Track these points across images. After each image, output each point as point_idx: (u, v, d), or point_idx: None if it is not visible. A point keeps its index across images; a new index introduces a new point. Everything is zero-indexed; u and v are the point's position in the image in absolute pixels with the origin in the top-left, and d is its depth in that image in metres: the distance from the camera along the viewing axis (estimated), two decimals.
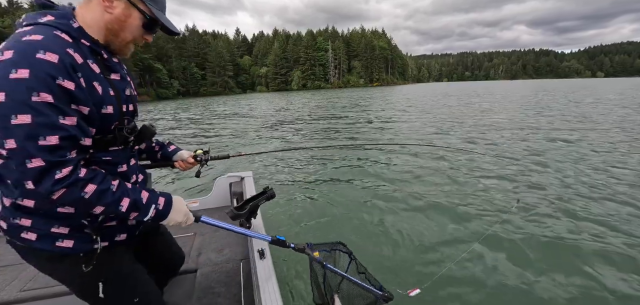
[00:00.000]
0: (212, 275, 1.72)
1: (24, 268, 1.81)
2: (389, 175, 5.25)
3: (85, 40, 0.87)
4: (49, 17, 0.84)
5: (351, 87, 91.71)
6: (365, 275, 1.57)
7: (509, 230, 3.19)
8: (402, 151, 6.94)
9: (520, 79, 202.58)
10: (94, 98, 0.86)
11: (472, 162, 5.77)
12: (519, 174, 5.01)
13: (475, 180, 4.77)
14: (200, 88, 79.63)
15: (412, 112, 16.20)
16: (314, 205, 4.13)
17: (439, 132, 9.57)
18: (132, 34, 0.97)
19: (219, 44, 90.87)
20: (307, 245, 1.46)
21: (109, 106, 0.91)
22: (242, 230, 1.34)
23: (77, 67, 0.81)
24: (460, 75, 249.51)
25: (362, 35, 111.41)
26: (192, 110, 25.89)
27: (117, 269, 1.08)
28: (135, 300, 1.11)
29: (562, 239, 3.04)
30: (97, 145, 0.93)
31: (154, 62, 66.61)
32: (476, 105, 18.25)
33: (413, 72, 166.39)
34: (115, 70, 0.98)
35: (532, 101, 19.87)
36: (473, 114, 13.80)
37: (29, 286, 1.65)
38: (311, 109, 20.90)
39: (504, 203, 3.90)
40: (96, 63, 0.89)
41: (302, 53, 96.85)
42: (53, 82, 0.75)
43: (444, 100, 24.46)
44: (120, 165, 1.02)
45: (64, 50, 0.79)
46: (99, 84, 0.88)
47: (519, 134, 8.52)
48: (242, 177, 2.62)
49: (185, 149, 1.52)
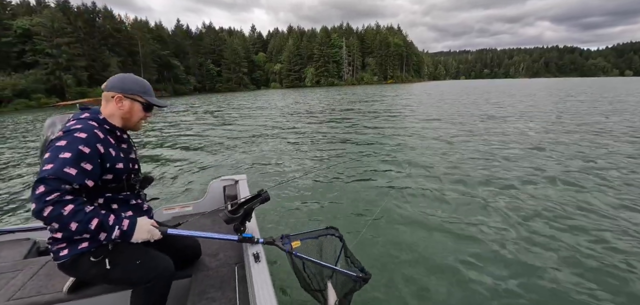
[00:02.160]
0: (206, 280, 1.71)
1: (12, 276, 1.80)
2: (392, 172, 5.47)
3: (106, 125, 1.46)
4: (86, 114, 1.44)
5: (365, 84, 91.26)
6: (351, 259, 1.59)
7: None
8: (405, 150, 7.15)
9: (542, 77, 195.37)
10: (109, 158, 1.39)
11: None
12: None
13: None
14: (215, 84, 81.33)
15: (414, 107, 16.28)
16: (309, 204, 4.25)
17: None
18: (138, 117, 1.54)
19: (234, 40, 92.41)
20: (281, 237, 1.50)
21: (119, 163, 1.44)
22: (210, 234, 1.50)
23: (99, 139, 1.36)
24: (479, 73, 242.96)
25: (376, 32, 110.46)
26: (205, 106, 26.57)
27: (119, 246, 1.44)
28: (137, 262, 1.44)
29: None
30: (114, 189, 1.46)
31: (172, 58, 68.64)
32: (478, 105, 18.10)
33: (429, 70, 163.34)
34: (124, 142, 1.56)
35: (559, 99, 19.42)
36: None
37: (19, 295, 1.63)
38: (311, 106, 21.12)
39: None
40: (112, 137, 1.46)
41: (316, 50, 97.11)
42: (87, 145, 1.31)
43: (448, 97, 24.24)
44: (132, 200, 1.56)
45: (92, 131, 1.35)
46: (113, 150, 1.42)
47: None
48: (236, 180, 2.62)
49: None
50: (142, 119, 1.56)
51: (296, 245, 1.47)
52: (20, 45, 44.08)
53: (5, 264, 1.90)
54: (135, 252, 1.47)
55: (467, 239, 3.19)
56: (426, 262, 2.83)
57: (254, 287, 1.25)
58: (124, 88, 1.48)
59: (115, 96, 1.46)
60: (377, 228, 3.46)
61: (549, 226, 3.38)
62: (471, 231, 3.32)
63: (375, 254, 2.97)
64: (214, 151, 8.33)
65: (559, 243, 3.05)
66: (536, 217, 3.60)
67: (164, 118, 18.02)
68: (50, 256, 1.84)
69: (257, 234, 1.68)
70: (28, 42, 44.21)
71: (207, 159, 7.50)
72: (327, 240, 1.62)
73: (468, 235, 3.26)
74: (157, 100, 1.58)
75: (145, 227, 1.42)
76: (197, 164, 7.04)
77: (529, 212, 3.72)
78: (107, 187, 1.43)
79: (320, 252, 1.58)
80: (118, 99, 1.46)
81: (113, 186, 1.44)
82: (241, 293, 1.57)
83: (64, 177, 1.22)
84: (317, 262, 1.47)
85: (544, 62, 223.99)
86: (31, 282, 1.72)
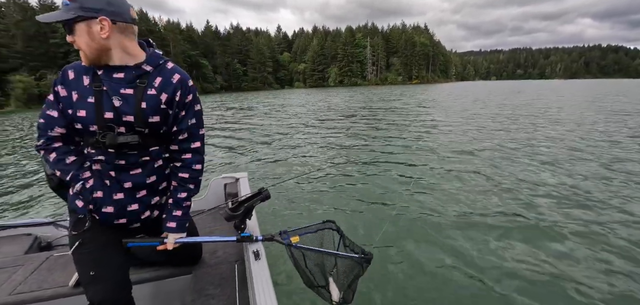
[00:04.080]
0: (205, 277, 1.69)
1: (14, 271, 1.80)
2: (399, 171, 5.55)
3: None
4: None
5: (389, 85, 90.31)
6: (351, 247, 1.58)
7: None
8: (412, 151, 7.19)
9: (582, 78, 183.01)
10: (68, 102, 1.17)
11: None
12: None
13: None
14: (241, 83, 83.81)
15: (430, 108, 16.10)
16: (311, 202, 4.29)
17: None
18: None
19: (260, 41, 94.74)
20: (280, 233, 1.48)
21: (81, 110, 1.15)
22: (208, 238, 1.50)
23: (65, 80, 1.17)
24: (511, 73, 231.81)
25: (402, 31, 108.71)
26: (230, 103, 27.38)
27: (95, 238, 1.28)
28: (91, 273, 1.26)
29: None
30: (92, 144, 1.20)
31: (200, 58, 71.68)
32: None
33: (457, 70, 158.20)
34: (116, 84, 1.16)
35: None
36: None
37: (20, 289, 1.62)
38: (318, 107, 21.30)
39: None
40: (89, 77, 1.17)
41: (340, 50, 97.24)
42: (53, 88, 1.18)
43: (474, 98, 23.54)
44: (111, 170, 1.22)
45: (66, 71, 1.19)
46: (77, 93, 1.15)
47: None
48: (237, 178, 2.61)
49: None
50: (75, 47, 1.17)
51: (295, 241, 1.45)
52: (66, 46, 47.88)
53: (6, 259, 1.92)
54: (101, 258, 1.28)
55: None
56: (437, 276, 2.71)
57: (253, 285, 1.24)
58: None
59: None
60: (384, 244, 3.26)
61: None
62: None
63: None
64: (220, 148, 8.57)
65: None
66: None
67: None
68: (51, 251, 2.01)
69: (257, 231, 1.68)
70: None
71: (213, 155, 7.66)
72: (325, 234, 1.60)
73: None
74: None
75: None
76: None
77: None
78: (84, 139, 1.23)
79: (321, 245, 1.57)
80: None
81: (88, 140, 1.21)
82: (241, 291, 1.57)
83: (49, 120, 1.19)
84: (318, 249, 1.46)
85: (583, 62, 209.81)
86: (32, 276, 1.73)
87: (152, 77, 1.21)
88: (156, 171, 1.30)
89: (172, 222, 1.36)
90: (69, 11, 1.08)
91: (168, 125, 1.27)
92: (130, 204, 1.28)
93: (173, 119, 1.27)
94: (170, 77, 1.24)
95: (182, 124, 1.29)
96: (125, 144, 1.18)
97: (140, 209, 1.31)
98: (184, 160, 1.35)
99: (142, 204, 1.31)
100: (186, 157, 1.34)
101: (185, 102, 1.27)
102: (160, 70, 1.24)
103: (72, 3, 1.08)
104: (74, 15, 1.07)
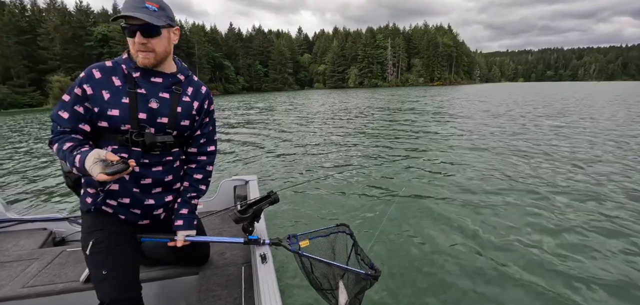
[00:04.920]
0: (213, 278, 1.72)
1: (28, 264, 1.84)
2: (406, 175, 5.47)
3: (125, 64, 1.26)
4: (119, 56, 1.32)
5: (410, 86, 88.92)
6: (361, 256, 1.56)
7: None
8: (422, 155, 7.05)
9: (619, 80, 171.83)
10: (99, 100, 1.20)
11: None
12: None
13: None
14: (262, 84, 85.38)
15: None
16: (320, 207, 4.22)
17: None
18: (131, 47, 1.23)
19: (281, 42, 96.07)
20: (288, 237, 1.48)
21: (114, 109, 1.21)
22: (216, 238, 1.51)
23: (92, 79, 1.21)
24: (540, 74, 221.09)
25: (424, 31, 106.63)
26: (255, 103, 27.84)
27: (108, 239, 1.32)
28: (103, 272, 1.27)
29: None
30: (118, 141, 1.24)
31: (223, 60, 73.67)
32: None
33: (482, 71, 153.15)
34: (152, 87, 1.27)
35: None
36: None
37: (33, 282, 1.67)
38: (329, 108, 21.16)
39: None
40: (121, 78, 1.23)
41: (360, 51, 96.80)
42: (79, 86, 1.20)
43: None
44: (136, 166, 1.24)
45: (91, 70, 1.22)
46: (109, 93, 1.21)
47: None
48: (247, 180, 2.61)
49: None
50: (135, 49, 1.22)
51: (305, 245, 1.46)
52: (99, 48, 50.82)
53: (22, 252, 2.01)
54: (113, 258, 1.30)
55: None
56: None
57: (260, 288, 1.25)
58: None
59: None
60: (386, 236, 3.36)
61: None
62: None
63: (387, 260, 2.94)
64: (236, 145, 8.69)
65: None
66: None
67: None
68: (65, 246, 2.09)
69: (265, 234, 1.69)
70: (105, 46, 50.91)
71: (224, 156, 7.75)
72: (338, 237, 1.58)
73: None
74: (128, 9, 1.16)
75: (88, 163, 1.08)
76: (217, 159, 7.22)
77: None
78: (109, 137, 1.25)
79: (333, 250, 1.55)
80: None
81: (114, 137, 1.24)
82: (247, 293, 1.59)
83: (57, 120, 1.21)
84: (323, 260, 1.44)
85: (621, 62, 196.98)
86: (45, 270, 1.79)
87: (184, 85, 1.37)
88: (174, 170, 1.42)
89: (181, 220, 1.44)
90: (161, 18, 1.21)
91: (193, 129, 1.43)
92: (147, 199, 1.37)
93: (198, 125, 1.44)
94: (199, 87, 1.43)
95: (204, 129, 1.47)
96: (160, 144, 1.29)
97: (155, 205, 1.40)
98: (199, 162, 1.50)
99: (157, 200, 1.40)
100: (202, 159, 1.50)
101: (209, 110, 1.47)
102: (190, 81, 1.41)
103: (161, 11, 1.22)
104: (165, 22, 1.23)
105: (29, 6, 51.93)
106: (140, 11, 1.16)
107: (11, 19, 45.84)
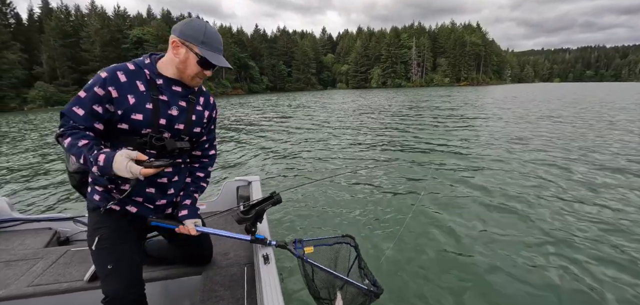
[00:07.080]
0: (216, 278, 1.74)
1: (33, 263, 1.85)
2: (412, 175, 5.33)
3: (149, 70, 1.30)
4: (140, 58, 1.35)
5: (434, 86, 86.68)
6: (364, 270, 1.55)
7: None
8: (428, 159, 6.74)
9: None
10: (123, 104, 1.23)
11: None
12: None
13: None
14: (286, 84, 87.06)
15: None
16: (323, 209, 4.11)
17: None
18: (193, 71, 1.32)
19: (305, 43, 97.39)
20: (294, 242, 1.48)
21: (138, 114, 1.25)
22: (222, 232, 1.52)
23: (117, 82, 1.23)
24: (579, 74, 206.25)
25: (451, 30, 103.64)
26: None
27: (113, 235, 1.37)
28: (109, 266, 1.33)
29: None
30: (136, 145, 1.28)
31: (249, 60, 75.83)
32: None
33: (513, 71, 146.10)
34: (174, 96, 1.35)
35: None
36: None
37: (38, 281, 1.68)
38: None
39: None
40: (145, 84, 1.28)
41: (383, 50, 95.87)
42: (102, 87, 1.22)
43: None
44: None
45: (115, 72, 1.24)
46: (134, 97, 1.25)
47: None
48: (250, 181, 2.61)
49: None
50: (197, 74, 1.34)
51: (309, 251, 1.45)
52: (134, 50, 54.18)
53: (27, 251, 2.02)
54: (119, 254, 1.37)
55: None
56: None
57: (262, 289, 1.26)
58: (182, 32, 1.28)
59: (173, 40, 1.29)
60: (400, 247, 3.10)
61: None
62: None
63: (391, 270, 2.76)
64: (240, 149, 8.64)
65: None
66: None
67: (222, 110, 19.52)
68: (69, 246, 2.12)
69: (269, 236, 1.70)
70: (140, 48, 54.35)
71: (232, 156, 7.74)
72: (342, 248, 1.58)
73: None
74: (214, 57, 1.32)
75: (122, 163, 1.15)
76: (221, 159, 7.11)
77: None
78: (125, 139, 1.29)
79: (335, 260, 1.55)
80: (175, 44, 1.29)
81: (133, 140, 1.29)
82: (250, 293, 1.60)
83: (71, 115, 1.21)
84: (327, 270, 1.44)
85: None
86: (50, 270, 1.80)
87: (197, 95, 1.48)
88: (181, 171, 1.54)
89: (185, 210, 1.53)
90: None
91: (201, 135, 1.55)
92: (160, 199, 1.47)
93: (206, 131, 1.58)
94: (208, 98, 1.55)
95: (210, 135, 1.62)
96: (179, 149, 1.41)
97: (167, 204, 1.52)
98: (202, 163, 1.65)
99: (168, 199, 1.51)
100: (204, 161, 1.66)
101: (215, 118, 1.62)
102: (201, 91, 1.52)
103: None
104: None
105: (73, 11, 56.45)
106: (221, 54, 1.38)
107: (58, 24, 49.99)
